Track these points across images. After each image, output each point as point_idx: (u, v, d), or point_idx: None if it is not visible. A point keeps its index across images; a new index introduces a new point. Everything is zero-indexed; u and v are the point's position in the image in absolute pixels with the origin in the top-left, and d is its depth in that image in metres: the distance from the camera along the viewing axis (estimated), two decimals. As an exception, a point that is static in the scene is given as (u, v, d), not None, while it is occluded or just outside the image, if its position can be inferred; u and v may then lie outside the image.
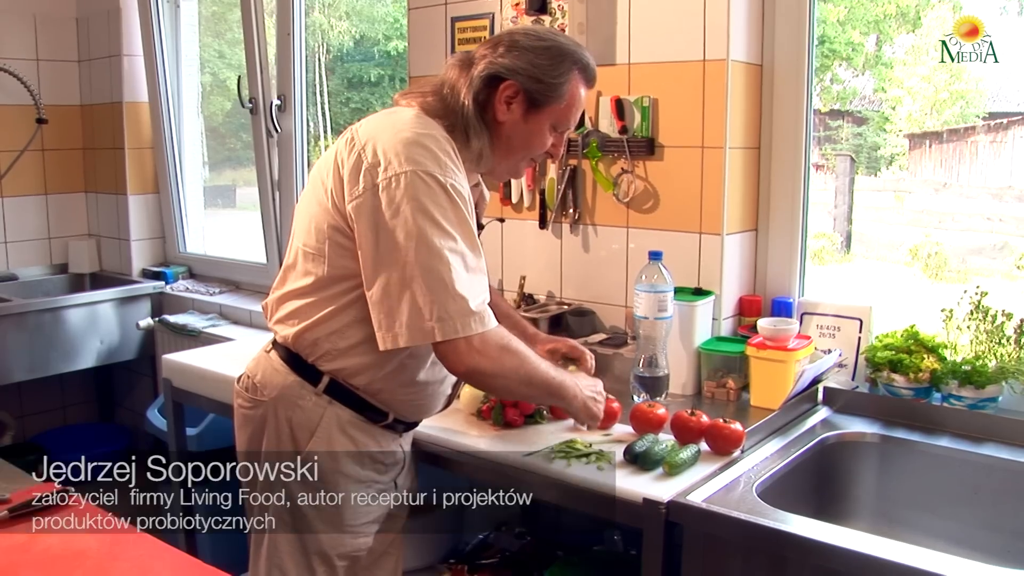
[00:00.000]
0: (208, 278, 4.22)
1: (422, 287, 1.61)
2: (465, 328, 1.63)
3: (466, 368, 1.67)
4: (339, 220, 1.72)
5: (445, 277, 1.61)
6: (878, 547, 1.54)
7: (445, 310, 1.61)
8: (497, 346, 1.68)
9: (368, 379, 1.81)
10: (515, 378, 1.72)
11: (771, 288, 2.60)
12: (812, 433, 2.13)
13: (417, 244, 1.61)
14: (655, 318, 2.23)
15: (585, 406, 1.90)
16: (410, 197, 1.62)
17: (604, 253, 2.73)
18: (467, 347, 1.64)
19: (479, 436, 2.08)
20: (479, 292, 1.67)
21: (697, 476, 1.83)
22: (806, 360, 2.27)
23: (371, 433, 1.87)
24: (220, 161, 4.48)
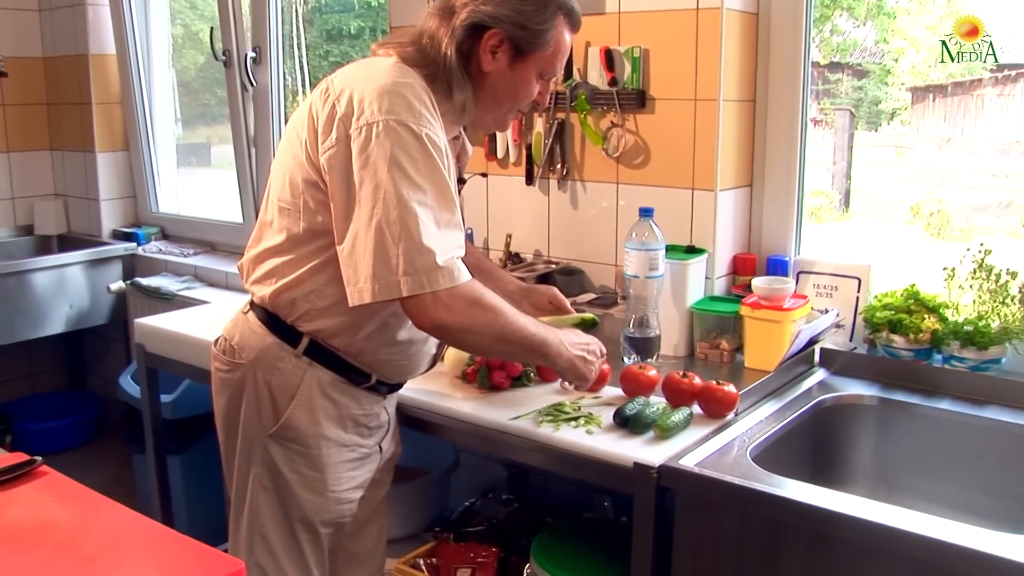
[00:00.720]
0: (182, 239, 4.20)
1: (388, 240, 1.60)
2: (431, 283, 1.62)
3: (431, 323, 1.65)
4: (313, 174, 1.71)
5: (412, 230, 1.60)
6: (876, 512, 1.54)
7: (411, 264, 1.60)
8: (466, 300, 1.67)
9: (348, 339, 1.81)
10: (488, 334, 1.71)
11: (766, 246, 2.60)
12: (808, 395, 2.14)
13: (386, 196, 1.60)
14: (646, 277, 2.23)
15: (572, 365, 1.87)
16: (381, 147, 1.60)
17: (593, 210, 2.72)
18: (433, 302, 1.63)
19: (464, 399, 2.08)
20: (449, 247, 1.65)
21: (689, 440, 1.84)
22: (802, 320, 2.27)
23: (354, 395, 1.87)
24: (193, 117, 4.44)
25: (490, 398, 2.09)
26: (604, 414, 1.96)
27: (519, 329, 1.76)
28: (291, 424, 1.82)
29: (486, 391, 2.12)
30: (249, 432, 1.86)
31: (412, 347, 1.90)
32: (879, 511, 1.55)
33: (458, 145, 2.01)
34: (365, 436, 1.92)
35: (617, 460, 1.78)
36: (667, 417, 1.86)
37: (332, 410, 1.85)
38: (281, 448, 1.84)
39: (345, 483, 1.90)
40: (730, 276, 2.58)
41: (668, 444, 1.82)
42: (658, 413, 1.89)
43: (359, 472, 1.93)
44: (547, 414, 1.96)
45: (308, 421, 1.83)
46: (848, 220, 2.81)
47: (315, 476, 1.86)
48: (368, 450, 1.94)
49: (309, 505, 1.87)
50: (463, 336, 1.71)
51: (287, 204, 1.77)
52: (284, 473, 1.85)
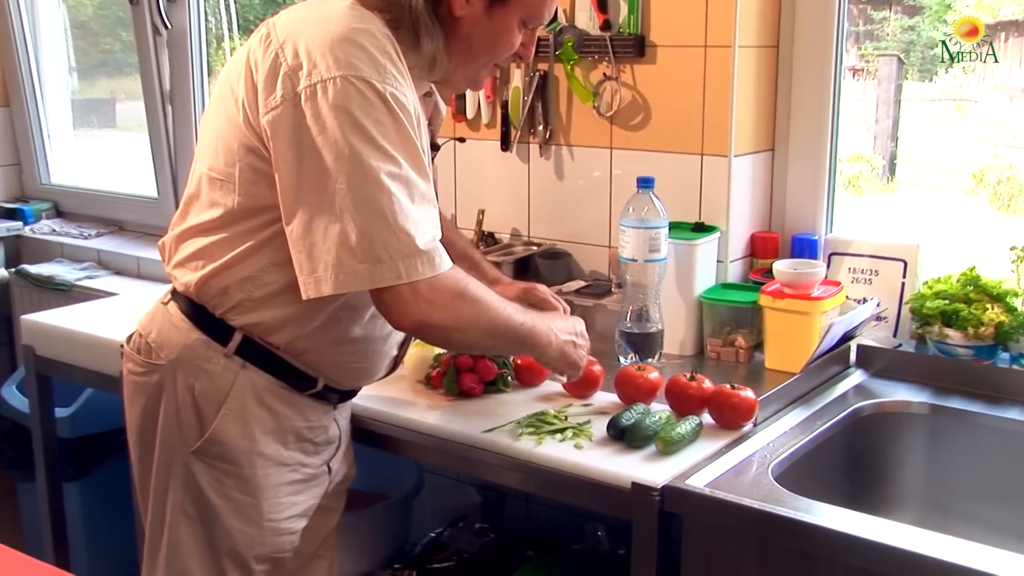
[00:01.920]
0: (81, 217, 4.18)
1: (355, 221, 1.61)
2: (410, 272, 1.64)
3: (414, 322, 1.68)
4: (252, 138, 1.72)
5: (385, 208, 1.62)
6: (928, 544, 1.55)
7: (385, 250, 1.62)
8: (451, 292, 1.70)
9: (291, 336, 1.83)
10: (475, 330, 1.75)
11: (791, 223, 2.64)
12: (843, 402, 2.17)
13: (349, 167, 1.61)
14: (645, 260, 2.27)
15: (562, 353, 1.92)
16: (340, 109, 1.62)
17: (582, 181, 2.75)
18: (413, 296, 1.66)
19: (428, 408, 2.11)
20: (428, 227, 1.68)
21: (698, 455, 1.87)
22: (835, 312, 2.31)
23: (296, 404, 1.90)
24: (93, 67, 4.43)
25: (460, 407, 2.12)
26: (596, 425, 1.99)
27: (507, 320, 1.80)
28: (219, 438, 1.84)
29: (454, 398, 2.15)
30: (168, 448, 1.87)
31: (369, 346, 1.92)
32: (932, 543, 1.55)
33: (430, 104, 2.02)
34: (310, 453, 1.95)
35: (612, 480, 1.81)
36: (671, 428, 1.89)
37: (269, 421, 1.87)
38: (207, 467, 1.86)
39: (285, 510, 1.92)
40: (747, 259, 2.63)
41: (673, 460, 1.85)
42: (660, 423, 1.92)
43: (302, 497, 1.96)
44: (528, 425, 1.99)
45: (240, 435, 1.85)
46: (893, 191, 2.82)
47: (248, 501, 1.88)
48: (314, 470, 1.97)
49: (241, 537, 1.89)
50: (448, 334, 1.74)
51: (219, 174, 1.79)
52: (210, 498, 1.87)
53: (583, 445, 1.91)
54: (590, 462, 1.85)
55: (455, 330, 1.73)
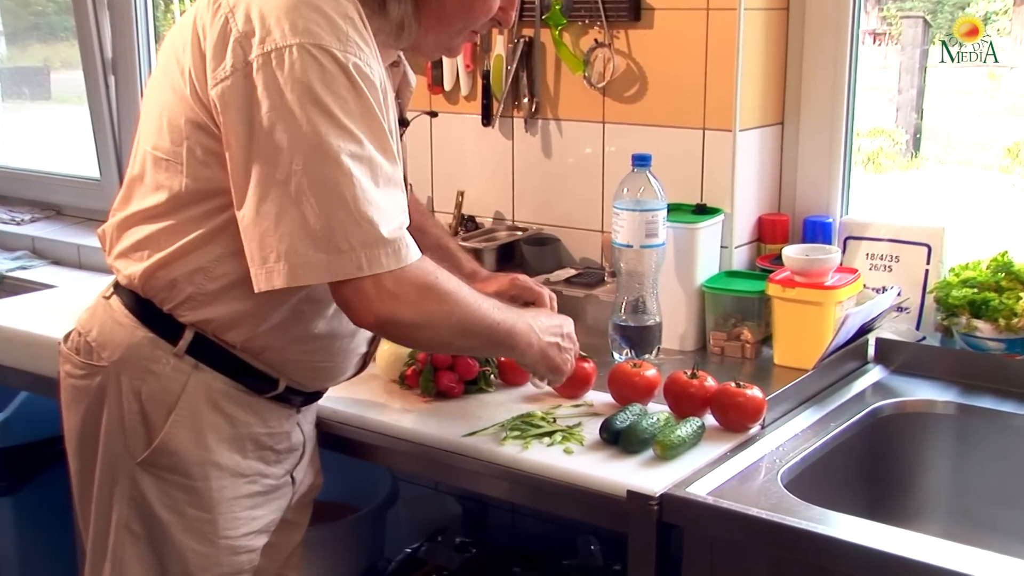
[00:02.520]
0: (13, 200, 4.17)
1: (313, 206, 1.61)
2: (373, 263, 1.64)
3: (377, 318, 1.68)
4: (200, 113, 1.72)
5: (345, 193, 1.62)
6: (957, 558, 1.55)
7: (345, 238, 1.62)
8: (418, 286, 1.70)
9: (248, 333, 1.84)
10: (446, 328, 1.75)
11: (803, 204, 2.65)
12: (860, 401, 2.18)
13: (306, 146, 1.61)
14: (642, 246, 2.28)
15: (544, 356, 1.92)
16: (296, 81, 1.61)
17: (571, 159, 2.76)
18: (376, 289, 1.65)
19: (403, 411, 2.12)
20: (394, 213, 1.68)
21: (700, 461, 1.88)
22: (851, 302, 2.32)
23: (255, 408, 1.90)
24: (23, 31, 4.41)
25: (437, 408, 2.13)
26: (588, 427, 2.00)
27: (481, 318, 1.80)
28: (169, 447, 1.84)
29: (432, 399, 2.16)
30: (112, 459, 1.87)
31: (335, 343, 1.92)
32: (960, 556, 1.56)
33: (398, 75, 2.02)
34: (271, 463, 1.95)
35: (605, 488, 1.82)
36: (671, 431, 1.90)
37: (225, 428, 1.87)
38: (155, 480, 1.86)
39: (243, 526, 1.92)
40: (754, 244, 2.64)
41: (673, 466, 1.86)
42: (658, 426, 1.93)
43: (263, 511, 1.96)
44: (513, 428, 1.99)
45: (192, 443, 1.84)
46: (917, 168, 2.82)
47: (202, 517, 1.88)
48: (275, 481, 1.97)
49: (194, 557, 1.88)
50: (415, 332, 1.74)
51: (165, 153, 1.78)
52: (159, 514, 1.87)
53: (573, 450, 1.92)
54: (581, 469, 1.86)
55: (423, 328, 1.73)
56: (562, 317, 2.02)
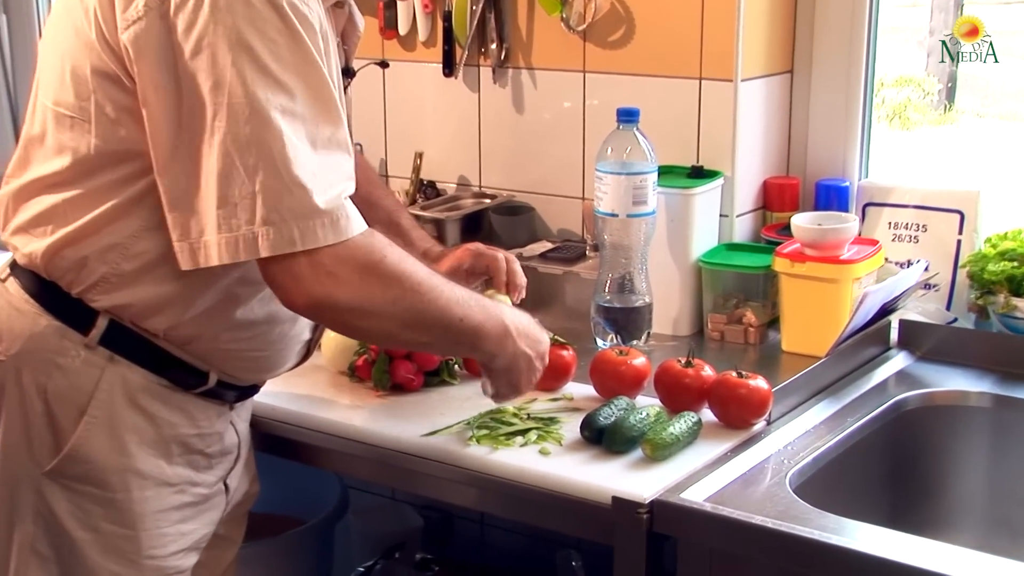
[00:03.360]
0: None
1: (239, 171, 1.61)
2: (307, 237, 1.63)
3: (309, 300, 1.67)
4: (110, 61, 1.70)
5: (275, 155, 1.61)
6: (993, 572, 1.56)
7: (275, 209, 1.61)
8: (361, 265, 1.69)
9: (172, 319, 1.82)
10: (392, 318, 1.74)
11: (815, 165, 2.66)
12: (881, 393, 2.19)
13: (231, 100, 1.60)
14: (629, 215, 2.28)
15: (514, 365, 1.90)
16: (220, 22, 1.60)
17: (547, 114, 2.76)
18: (311, 268, 1.65)
19: (353, 407, 2.12)
20: (333, 179, 1.67)
21: (697, 462, 1.88)
22: (870, 279, 2.33)
23: (182, 406, 1.89)
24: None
25: (393, 404, 2.13)
26: (567, 424, 2.00)
27: (440, 310, 1.78)
28: (82, 454, 1.82)
29: (386, 393, 2.16)
30: (12, 469, 1.85)
31: (274, 329, 1.91)
32: (996, 570, 1.57)
33: (343, 17, 2.00)
34: (201, 468, 1.94)
35: (587, 494, 1.82)
36: (662, 428, 1.90)
37: (147, 429, 1.85)
38: (66, 492, 1.84)
39: (171, 543, 1.91)
40: (759, 212, 2.65)
41: (664, 469, 1.86)
42: (648, 422, 1.93)
43: (193, 525, 1.95)
44: (481, 427, 2.00)
45: (109, 448, 1.83)
46: (951, 123, 2.82)
47: (122, 534, 1.86)
48: (207, 490, 1.96)
49: None
50: (355, 320, 1.74)
51: (69, 109, 1.76)
52: (71, 532, 1.85)
53: (550, 451, 1.93)
54: (560, 472, 1.86)
55: (364, 314, 1.72)
56: (544, 331, 1.98)
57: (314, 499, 2.91)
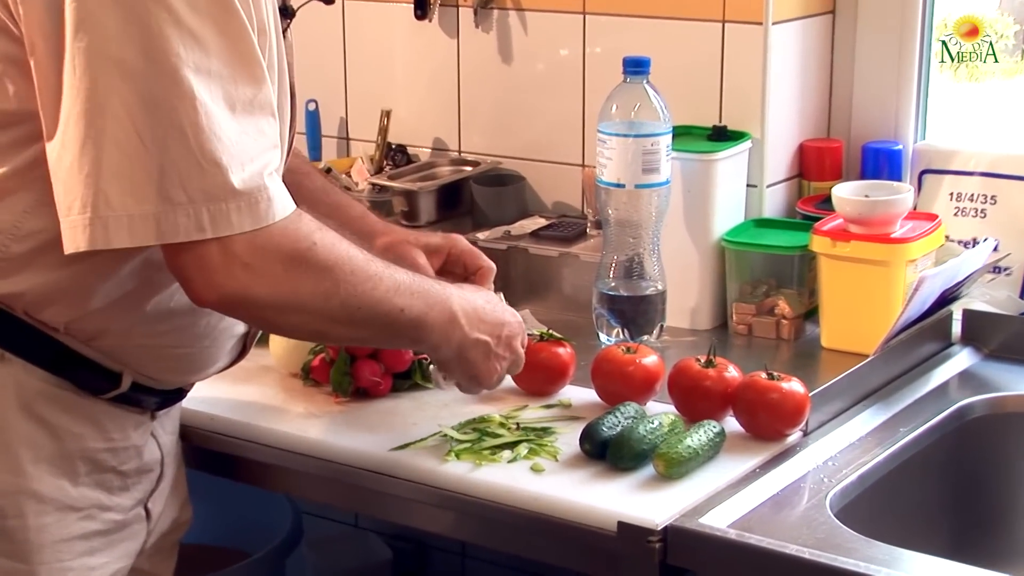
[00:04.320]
0: None
1: (137, 139, 1.59)
2: (219, 223, 1.61)
3: (220, 296, 1.66)
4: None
5: (183, 122, 1.59)
6: None
7: (181, 186, 1.59)
8: (285, 256, 1.68)
9: (75, 311, 1.80)
10: (321, 313, 1.73)
11: (861, 125, 2.66)
12: (941, 398, 2.19)
13: (132, 53, 1.58)
14: (637, 186, 2.28)
15: (462, 356, 1.90)
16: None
17: (541, 64, 2.76)
18: (224, 258, 1.63)
19: (308, 415, 2.11)
20: (253, 152, 1.65)
21: (719, 480, 1.88)
22: (928, 261, 2.33)
23: (88, 414, 1.86)
24: None
25: (356, 412, 2.12)
26: (564, 436, 2.00)
27: (377, 302, 1.77)
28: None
29: (347, 399, 2.16)
30: None
31: (199, 320, 1.89)
32: None
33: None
34: (114, 490, 1.92)
35: (588, 519, 1.81)
36: (677, 440, 1.90)
37: (46, 443, 1.82)
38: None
39: None
40: (794, 181, 2.65)
41: (680, 489, 1.86)
42: (661, 433, 1.93)
43: (104, 558, 1.93)
44: (461, 439, 1.99)
45: (2, 465, 1.81)
46: (1028, 73, 2.83)
47: (16, 569, 1.84)
48: (122, 516, 1.94)
49: None
50: (276, 316, 1.74)
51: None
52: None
53: (544, 467, 1.92)
54: (555, 493, 1.86)
55: (288, 310, 1.72)
56: (509, 311, 1.99)
57: (261, 527, 2.91)
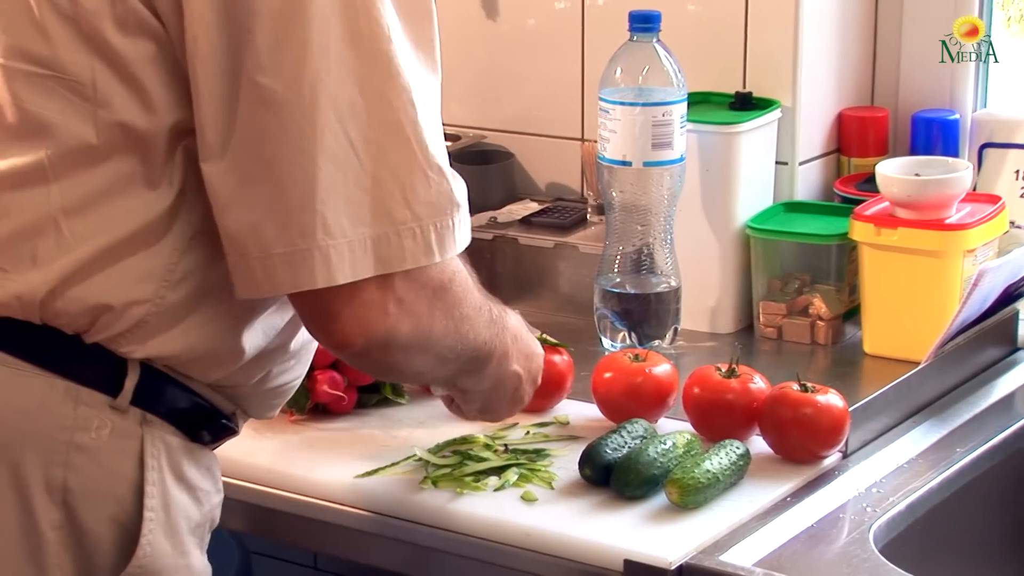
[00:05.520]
0: None
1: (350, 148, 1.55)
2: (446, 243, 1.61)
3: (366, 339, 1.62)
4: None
5: (404, 121, 1.57)
6: None
7: (406, 203, 1.58)
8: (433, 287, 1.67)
9: (229, 368, 1.77)
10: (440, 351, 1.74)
11: (909, 92, 2.70)
12: (1005, 413, 2.24)
13: (343, 46, 1.54)
14: (646, 163, 2.33)
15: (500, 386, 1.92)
16: None
17: (532, 20, 2.81)
18: (380, 292, 1.60)
19: (258, 437, 2.15)
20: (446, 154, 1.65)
21: (743, 511, 1.92)
22: (989, 250, 2.38)
23: (208, 465, 1.83)
24: None
25: (316, 433, 2.18)
26: (560, 459, 2.05)
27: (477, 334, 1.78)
28: (149, 570, 1.72)
29: (305, 417, 2.20)
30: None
31: (308, 349, 1.90)
32: None
33: None
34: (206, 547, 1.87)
35: (589, 556, 1.85)
36: (694, 463, 1.94)
37: (194, 510, 1.79)
38: None
39: None
40: (831, 158, 2.70)
41: (698, 520, 1.89)
42: (675, 455, 1.97)
43: None
44: (439, 463, 2.03)
45: (171, 550, 1.75)
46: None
47: None
48: None
49: None
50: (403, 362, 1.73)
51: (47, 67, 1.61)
52: None
53: (537, 496, 1.96)
54: (550, 526, 1.89)
55: (418, 352, 1.71)
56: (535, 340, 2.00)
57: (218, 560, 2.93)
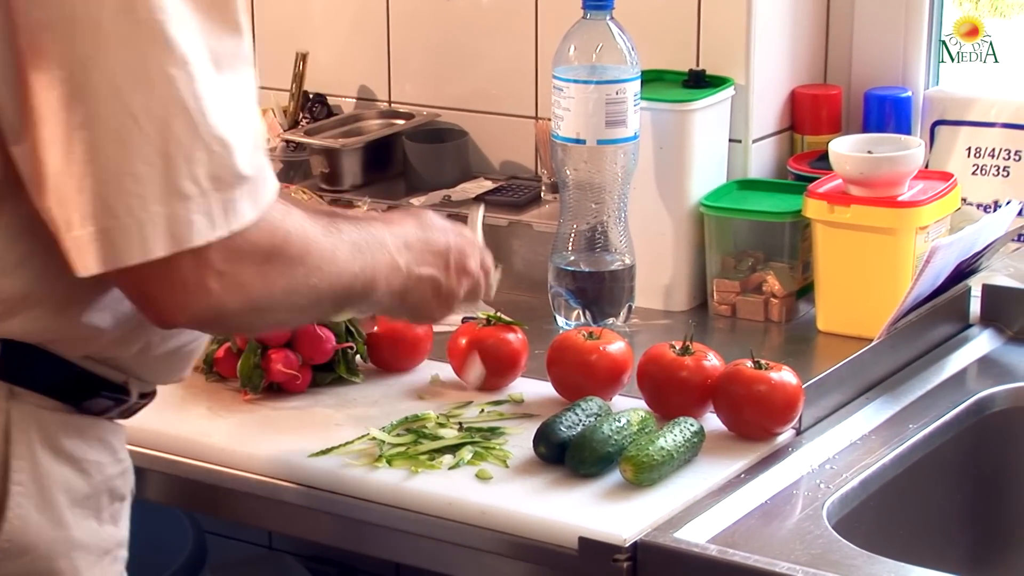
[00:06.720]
0: None
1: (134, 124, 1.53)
2: (230, 216, 1.57)
3: (188, 316, 1.61)
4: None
5: (185, 94, 1.54)
6: None
7: (191, 177, 1.54)
8: (260, 253, 1.63)
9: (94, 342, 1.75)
10: (291, 304, 1.71)
11: (863, 69, 2.70)
12: (957, 389, 2.24)
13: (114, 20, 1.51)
14: (600, 141, 2.32)
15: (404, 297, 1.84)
16: None
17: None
18: (196, 270, 1.57)
19: (211, 416, 2.15)
20: (247, 120, 1.63)
21: (697, 488, 1.92)
22: (941, 227, 2.38)
23: (100, 436, 1.80)
24: None
25: (269, 412, 2.16)
26: (515, 437, 2.04)
27: (339, 275, 1.75)
28: (18, 544, 1.70)
29: (258, 396, 2.19)
30: None
31: None
32: None
33: None
34: (121, 520, 1.85)
35: (544, 534, 1.84)
36: (648, 441, 1.93)
37: (78, 482, 1.77)
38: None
39: None
40: (784, 136, 2.69)
41: (652, 498, 1.89)
42: (629, 432, 1.96)
43: None
44: (394, 442, 2.02)
45: (45, 522, 1.73)
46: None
47: None
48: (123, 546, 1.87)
49: None
50: (244, 324, 1.76)
51: None
52: None
53: (492, 474, 1.96)
54: (505, 504, 1.89)
55: (257, 313, 1.69)
56: (452, 230, 1.95)
57: (157, 549, 2.91)
